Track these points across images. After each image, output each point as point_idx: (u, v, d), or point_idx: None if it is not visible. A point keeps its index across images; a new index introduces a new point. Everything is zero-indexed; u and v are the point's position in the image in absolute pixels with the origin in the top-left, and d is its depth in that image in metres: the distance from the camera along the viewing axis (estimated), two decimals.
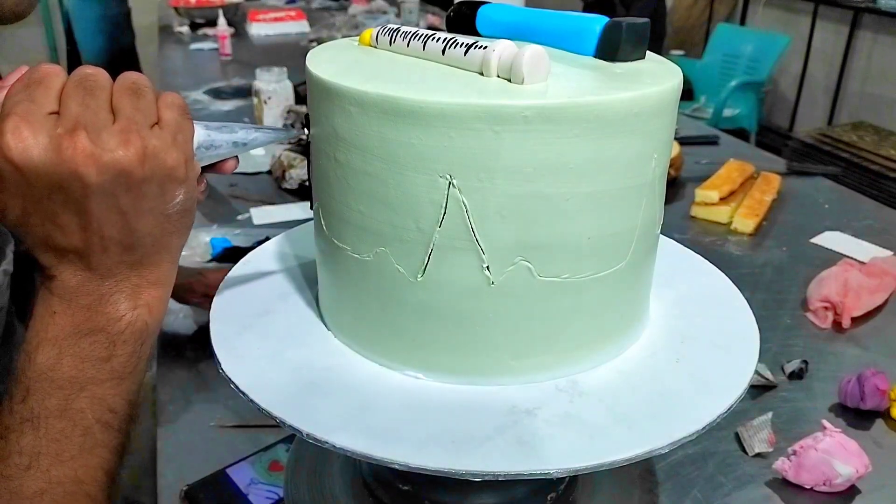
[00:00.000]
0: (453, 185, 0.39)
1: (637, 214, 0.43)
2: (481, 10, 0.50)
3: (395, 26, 0.47)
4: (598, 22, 0.44)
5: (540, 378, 0.44)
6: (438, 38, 0.43)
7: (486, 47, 0.40)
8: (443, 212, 0.40)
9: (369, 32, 0.48)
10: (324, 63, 0.44)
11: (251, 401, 0.42)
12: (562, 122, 0.37)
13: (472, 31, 0.50)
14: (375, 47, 0.48)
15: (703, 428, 0.40)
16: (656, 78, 0.42)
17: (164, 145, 0.39)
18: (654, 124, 0.41)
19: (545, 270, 0.41)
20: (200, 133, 0.43)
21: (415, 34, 0.45)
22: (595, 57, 0.45)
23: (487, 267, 0.41)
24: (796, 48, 3.50)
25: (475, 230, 0.40)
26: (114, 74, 0.40)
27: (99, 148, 0.37)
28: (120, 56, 2.69)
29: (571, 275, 0.42)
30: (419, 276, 0.42)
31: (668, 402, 0.43)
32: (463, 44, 0.42)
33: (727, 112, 3.21)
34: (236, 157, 0.46)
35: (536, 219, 0.40)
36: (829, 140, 3.09)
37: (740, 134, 2.89)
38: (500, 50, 0.40)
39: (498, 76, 0.40)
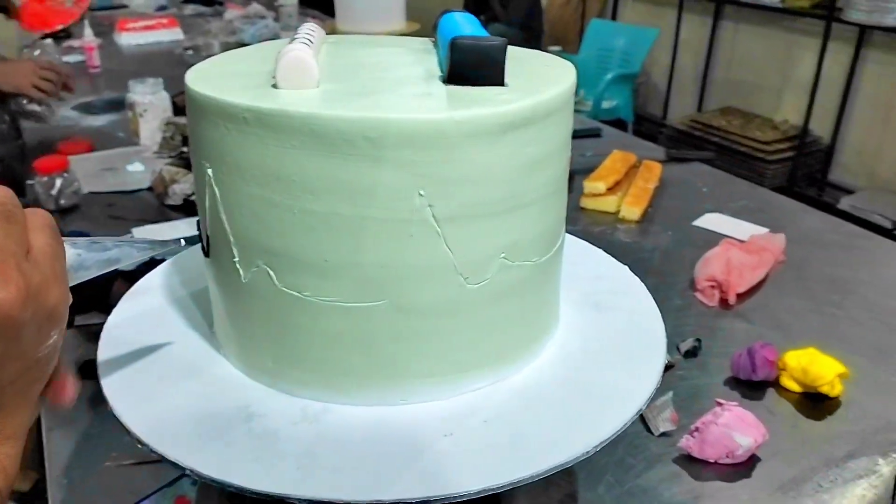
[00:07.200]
0: (209, 173, 0.41)
1: (397, 252, 0.39)
2: (441, 20, 0.51)
3: (307, 27, 0.47)
4: (451, 38, 0.42)
5: (297, 393, 0.43)
6: (290, 41, 0.44)
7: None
8: (207, 197, 0.42)
9: None
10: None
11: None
12: (276, 129, 0.37)
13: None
14: None
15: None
16: (455, 103, 0.39)
17: (45, 281, 0.33)
18: (412, 156, 0.37)
19: (285, 281, 0.40)
20: (70, 254, 0.37)
21: (294, 37, 0.45)
22: (441, 76, 0.43)
23: (238, 262, 0.42)
24: (665, 40, 3.67)
25: (226, 222, 0.41)
26: None
27: None
28: None
29: (313, 294, 0.40)
30: (208, 254, 0.45)
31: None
32: (286, 45, 0.43)
33: (605, 104, 3.33)
34: (75, 386, 0.38)
35: (271, 225, 0.39)
36: (700, 126, 3.27)
37: (618, 124, 3.00)
38: (283, 53, 0.41)
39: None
